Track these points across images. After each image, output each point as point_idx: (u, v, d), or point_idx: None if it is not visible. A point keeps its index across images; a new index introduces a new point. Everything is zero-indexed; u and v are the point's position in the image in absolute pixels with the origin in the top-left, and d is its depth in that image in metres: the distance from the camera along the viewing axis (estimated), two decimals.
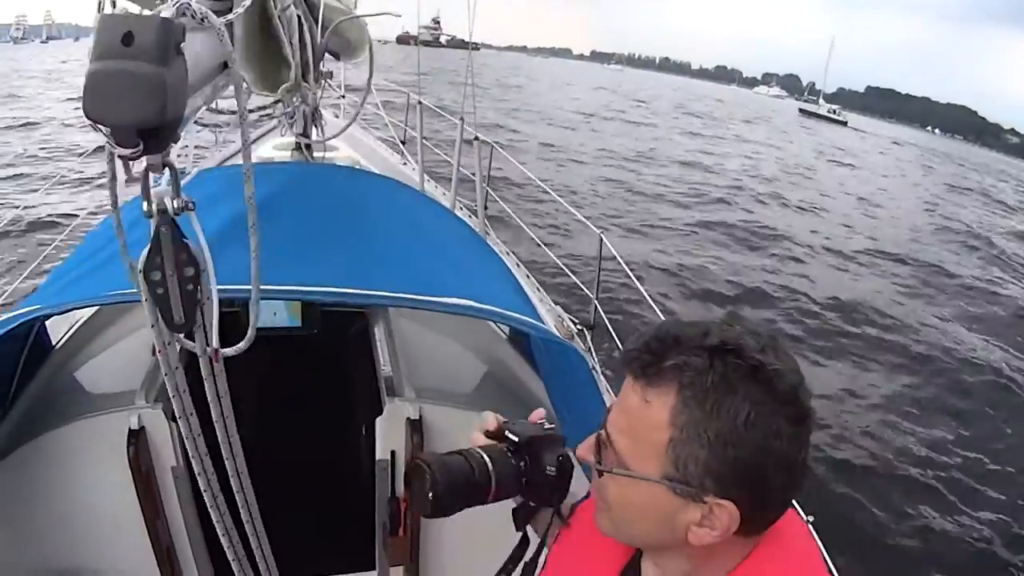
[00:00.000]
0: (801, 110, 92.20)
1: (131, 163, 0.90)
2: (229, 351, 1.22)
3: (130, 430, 1.99)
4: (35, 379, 2.28)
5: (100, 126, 0.82)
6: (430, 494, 1.02)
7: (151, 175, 0.95)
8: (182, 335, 1.15)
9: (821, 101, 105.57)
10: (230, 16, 1.14)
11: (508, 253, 4.53)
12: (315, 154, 3.43)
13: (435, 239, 2.35)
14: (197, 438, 1.29)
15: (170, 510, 2.11)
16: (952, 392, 8.30)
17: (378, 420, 2.16)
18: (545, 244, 5.14)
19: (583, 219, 4.51)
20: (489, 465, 1.07)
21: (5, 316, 1.68)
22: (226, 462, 1.39)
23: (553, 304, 3.89)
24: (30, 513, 2.04)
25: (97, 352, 2.49)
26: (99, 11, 0.94)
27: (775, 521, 0.83)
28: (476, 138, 4.25)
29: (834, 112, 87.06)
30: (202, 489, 1.36)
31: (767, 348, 0.77)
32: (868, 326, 9.88)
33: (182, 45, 0.86)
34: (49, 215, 9.50)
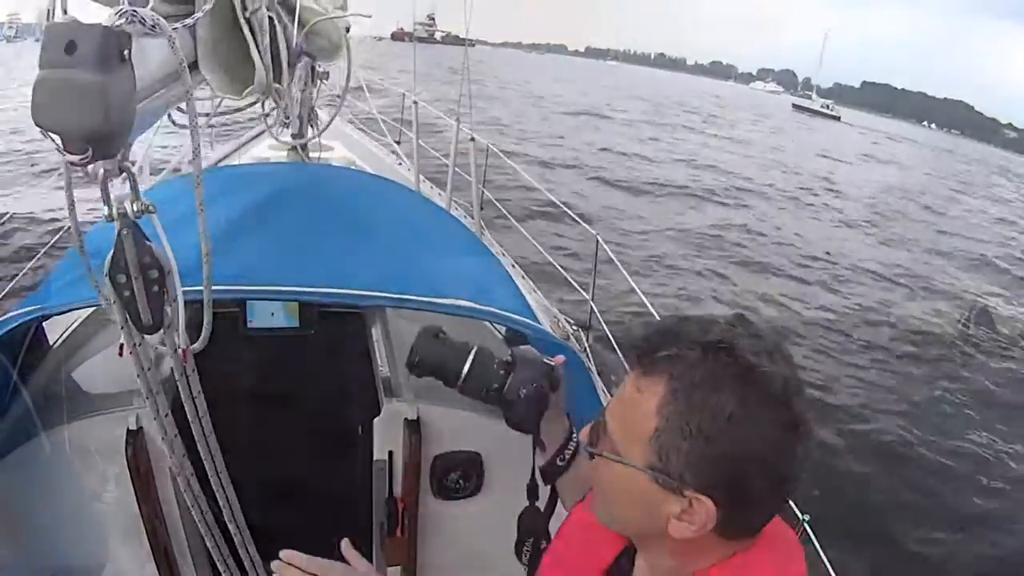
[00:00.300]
0: (794, 105, 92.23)
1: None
2: (193, 347, 1.24)
3: (128, 430, 2.00)
4: (32, 379, 2.29)
5: (49, 133, 0.84)
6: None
7: (110, 180, 0.97)
8: (155, 336, 1.17)
9: (814, 96, 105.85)
10: (187, 21, 1.15)
11: (504, 254, 4.54)
12: (311, 154, 3.43)
13: (431, 239, 2.36)
14: (175, 439, 1.31)
15: (168, 510, 2.12)
16: (989, 404, 8.20)
17: (376, 420, 2.17)
18: (541, 245, 5.15)
19: (580, 220, 4.53)
20: (470, 358, 1.20)
21: (5, 316, 1.69)
22: (204, 462, 1.40)
23: (549, 305, 3.91)
24: (28, 514, 2.04)
25: (95, 352, 2.50)
26: (48, 19, 0.95)
27: (761, 527, 0.84)
28: (472, 139, 4.26)
29: (827, 107, 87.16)
30: (182, 490, 1.38)
31: (764, 351, 0.78)
32: (901, 341, 9.69)
33: (132, 51, 0.87)
34: (46, 217, 9.46)
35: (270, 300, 2.66)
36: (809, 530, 2.28)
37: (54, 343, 2.47)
